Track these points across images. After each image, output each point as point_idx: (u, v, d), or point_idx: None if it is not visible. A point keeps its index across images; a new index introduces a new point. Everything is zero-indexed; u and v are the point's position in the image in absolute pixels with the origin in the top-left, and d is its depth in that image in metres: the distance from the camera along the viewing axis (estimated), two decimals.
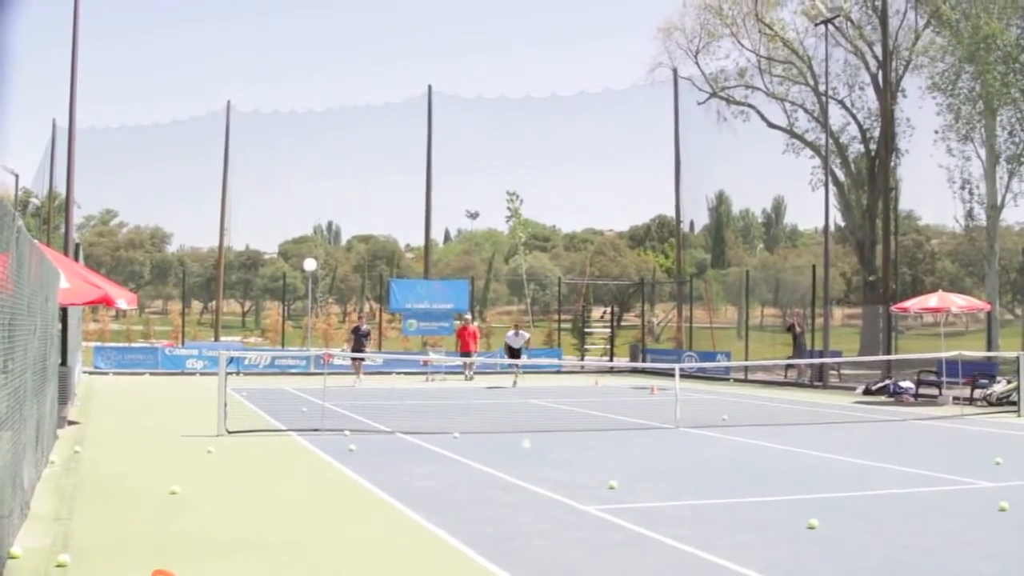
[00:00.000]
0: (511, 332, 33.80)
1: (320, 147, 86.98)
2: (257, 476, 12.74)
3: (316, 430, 17.13)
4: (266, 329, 51.74)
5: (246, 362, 34.53)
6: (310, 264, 41.19)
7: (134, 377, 31.99)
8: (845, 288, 65.85)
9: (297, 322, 62.58)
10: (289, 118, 56.32)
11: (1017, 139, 37.77)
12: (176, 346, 38.91)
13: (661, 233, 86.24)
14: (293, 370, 34.77)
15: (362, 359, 31.10)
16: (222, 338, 49.03)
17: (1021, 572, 8.06)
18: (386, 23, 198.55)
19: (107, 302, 17.46)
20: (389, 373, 34.75)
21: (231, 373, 30.63)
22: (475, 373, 34.35)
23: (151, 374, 33.17)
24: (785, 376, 34.26)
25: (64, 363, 17.57)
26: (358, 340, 31.55)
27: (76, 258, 22.15)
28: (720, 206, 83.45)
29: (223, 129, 48.09)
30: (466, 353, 32.83)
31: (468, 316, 35.02)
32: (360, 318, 33.20)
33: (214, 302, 58.59)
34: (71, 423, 17.75)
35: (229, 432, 16.35)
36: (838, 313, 67.02)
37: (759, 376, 34.96)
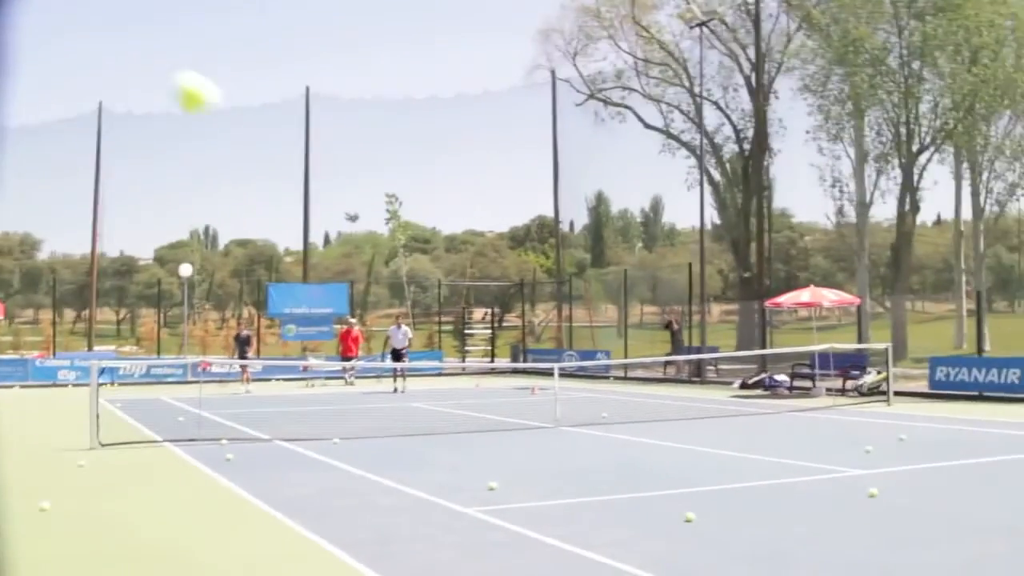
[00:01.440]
0: (393, 327, 33.45)
1: (197, 150, 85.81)
2: (130, 489, 12.39)
3: (192, 440, 16.75)
4: (141, 337, 50.47)
5: (121, 372, 33.66)
6: (185, 270, 40.33)
7: (2, 390, 30.82)
8: (722, 285, 67.25)
9: (174, 329, 61.29)
10: (164, 120, 54.98)
11: (884, 138, 39.08)
12: (47, 357, 37.70)
13: (541, 234, 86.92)
14: (169, 379, 33.97)
15: (246, 365, 30.63)
16: (96, 347, 47.60)
17: (891, 555, 8.26)
18: (263, 24, 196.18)
19: None
20: (268, 379, 34.23)
21: (105, 384, 29.98)
22: (356, 378, 34.03)
23: (21, 387, 32.04)
24: (664, 373, 34.77)
25: None
26: (239, 346, 31.14)
27: None
28: (599, 206, 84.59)
29: (95, 132, 46.70)
30: (348, 357, 32.48)
31: (352, 319, 34.67)
32: (239, 324, 32.62)
33: (87, 310, 56.98)
34: None
35: (102, 445, 15.89)
36: (716, 310, 68.42)
37: (638, 373, 35.40)
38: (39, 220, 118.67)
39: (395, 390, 29.65)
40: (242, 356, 30.86)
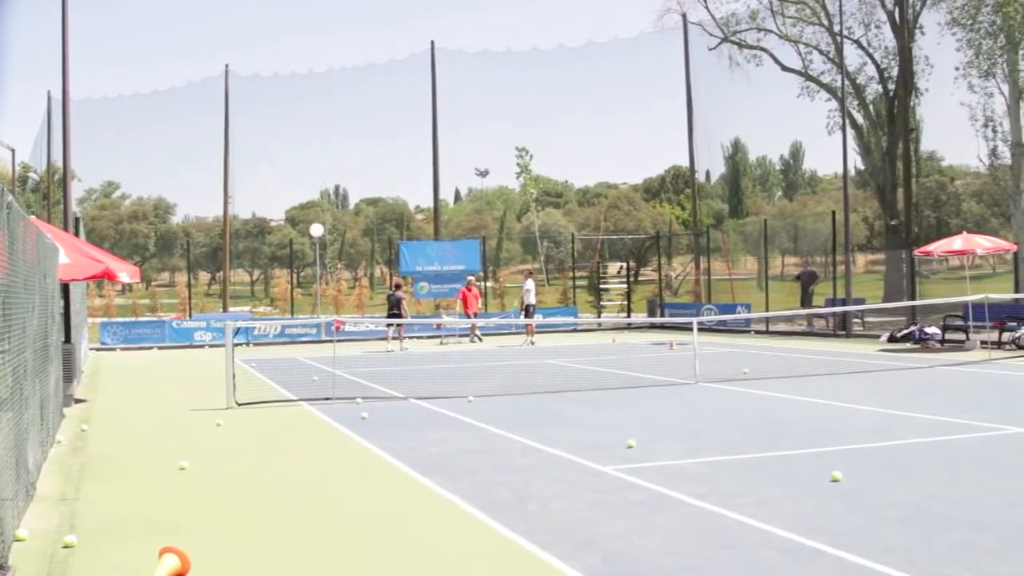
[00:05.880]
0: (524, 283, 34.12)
1: (323, 109, 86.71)
2: (267, 448, 12.47)
3: (327, 399, 16.82)
4: (275, 298, 51.01)
5: (255, 332, 34.15)
6: (317, 230, 40.69)
7: (141, 352, 31.61)
8: (867, 234, 65.23)
9: (307, 289, 62.23)
10: (290, 80, 55.72)
11: None
12: (184, 318, 38.51)
13: (676, 184, 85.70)
14: (304, 339, 34.33)
15: (399, 325, 30.58)
16: (231, 308, 48.45)
17: None
18: None
19: (109, 276, 17.12)
20: (402, 338, 34.35)
21: (240, 344, 30.54)
22: (484, 335, 33.94)
23: (159, 348, 32.75)
24: (807, 326, 33.82)
25: (68, 340, 17.30)
26: (394, 306, 30.95)
27: (76, 232, 21.68)
28: (736, 154, 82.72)
29: (222, 94, 47.27)
30: (466, 315, 32.48)
31: (470, 277, 34.52)
32: (398, 287, 32.43)
33: (221, 272, 58.25)
34: (78, 401, 17.50)
35: (239, 404, 16.07)
36: (861, 260, 66.53)
37: (780, 327, 34.51)
38: (172, 184, 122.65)
39: (522, 344, 30.38)
40: (397, 316, 30.56)
